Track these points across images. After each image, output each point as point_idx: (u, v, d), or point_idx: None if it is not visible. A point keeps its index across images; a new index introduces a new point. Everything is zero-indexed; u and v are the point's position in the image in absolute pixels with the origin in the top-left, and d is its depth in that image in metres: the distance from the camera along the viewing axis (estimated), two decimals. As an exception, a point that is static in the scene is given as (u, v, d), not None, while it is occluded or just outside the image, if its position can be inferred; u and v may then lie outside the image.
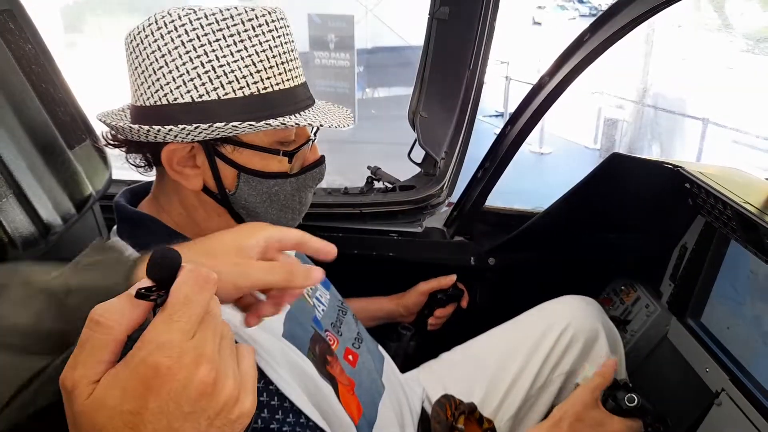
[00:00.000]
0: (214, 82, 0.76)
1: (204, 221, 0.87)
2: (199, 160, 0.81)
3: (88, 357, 0.43)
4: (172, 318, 0.44)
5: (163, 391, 0.42)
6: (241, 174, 0.82)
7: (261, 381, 0.76)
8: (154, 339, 0.43)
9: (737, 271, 1.23)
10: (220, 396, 0.45)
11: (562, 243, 1.52)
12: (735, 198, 1.01)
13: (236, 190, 0.83)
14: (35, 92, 0.92)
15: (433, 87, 1.61)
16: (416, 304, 1.48)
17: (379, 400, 1.04)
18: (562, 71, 1.34)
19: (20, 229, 0.80)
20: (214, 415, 0.45)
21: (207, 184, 0.83)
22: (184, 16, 0.75)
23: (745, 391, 1.09)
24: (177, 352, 0.43)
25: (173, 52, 0.75)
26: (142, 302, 0.45)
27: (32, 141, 0.88)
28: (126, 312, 0.44)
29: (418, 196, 1.56)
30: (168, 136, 0.76)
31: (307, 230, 1.58)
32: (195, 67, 0.75)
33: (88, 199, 0.97)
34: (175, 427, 0.43)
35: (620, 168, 1.28)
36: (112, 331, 0.44)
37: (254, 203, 0.85)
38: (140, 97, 0.79)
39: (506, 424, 1.24)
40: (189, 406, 0.43)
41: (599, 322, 1.31)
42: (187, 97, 0.76)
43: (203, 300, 0.45)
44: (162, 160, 0.81)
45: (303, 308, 0.98)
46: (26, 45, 0.94)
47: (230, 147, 0.81)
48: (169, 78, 0.76)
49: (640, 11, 1.15)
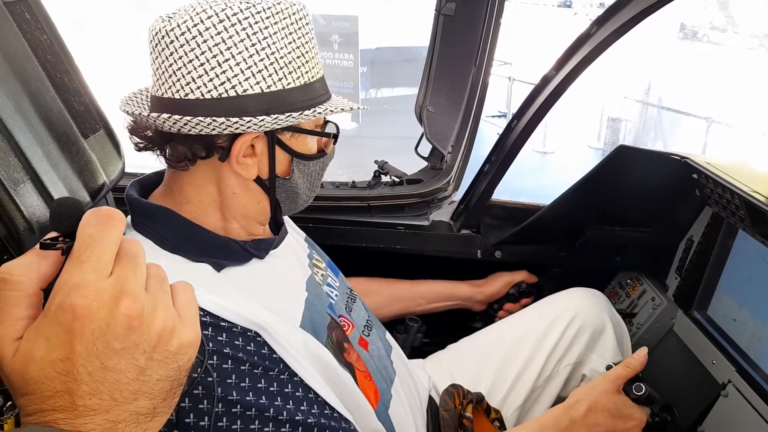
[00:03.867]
0: (279, 73, 0.80)
1: (241, 209, 0.87)
2: (258, 148, 0.84)
3: (5, 316, 0.43)
4: (81, 259, 0.43)
5: (86, 331, 0.42)
6: (294, 159, 0.87)
7: (285, 373, 0.77)
8: (67, 282, 0.42)
9: (744, 263, 1.23)
10: (151, 329, 0.44)
11: (568, 236, 1.52)
12: (744, 188, 1.02)
13: (291, 175, 0.88)
14: (50, 82, 0.93)
15: (440, 82, 1.62)
16: (497, 293, 1.53)
17: (391, 385, 1.05)
18: (568, 65, 1.34)
19: (37, 214, 0.81)
20: (151, 349, 0.44)
21: (260, 173, 0.86)
22: (246, 10, 0.78)
23: (752, 383, 1.10)
24: (92, 291, 0.42)
25: (239, 45, 0.77)
26: (50, 252, 0.44)
27: (48, 129, 0.88)
28: (33, 265, 0.44)
29: (425, 190, 1.57)
30: (241, 126, 0.78)
31: (317, 223, 1.61)
32: (262, 59, 0.79)
33: (102, 187, 0.98)
34: (110, 366, 0.42)
35: (627, 160, 1.29)
36: (21, 285, 0.44)
37: (301, 186, 0.91)
38: (194, 90, 0.78)
39: (513, 414, 1.25)
40: (118, 343, 0.42)
41: (606, 314, 1.31)
42: (257, 89, 0.79)
43: (110, 237, 0.44)
44: (232, 151, 0.82)
45: (319, 295, 0.99)
46: (42, 35, 0.95)
47: (289, 134, 0.86)
48: (237, 70, 0.78)
49: (646, 4, 1.15)
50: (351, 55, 8.46)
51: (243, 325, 0.74)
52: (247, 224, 0.90)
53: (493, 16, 1.52)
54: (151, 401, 0.45)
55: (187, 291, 0.50)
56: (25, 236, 0.79)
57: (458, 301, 1.51)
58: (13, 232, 0.78)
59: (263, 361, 0.75)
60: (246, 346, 0.74)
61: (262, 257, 0.91)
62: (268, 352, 0.76)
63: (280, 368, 0.76)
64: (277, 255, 0.96)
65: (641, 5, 1.16)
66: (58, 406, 0.42)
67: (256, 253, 0.90)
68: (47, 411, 0.42)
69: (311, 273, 1.02)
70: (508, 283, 1.53)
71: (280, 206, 0.91)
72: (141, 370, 0.44)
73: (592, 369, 1.28)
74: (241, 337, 0.74)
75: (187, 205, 0.87)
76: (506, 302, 1.53)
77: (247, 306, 0.77)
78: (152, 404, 0.45)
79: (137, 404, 0.44)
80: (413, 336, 1.48)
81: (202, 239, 0.85)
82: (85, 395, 0.42)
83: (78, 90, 1.00)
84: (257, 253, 0.90)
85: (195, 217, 0.86)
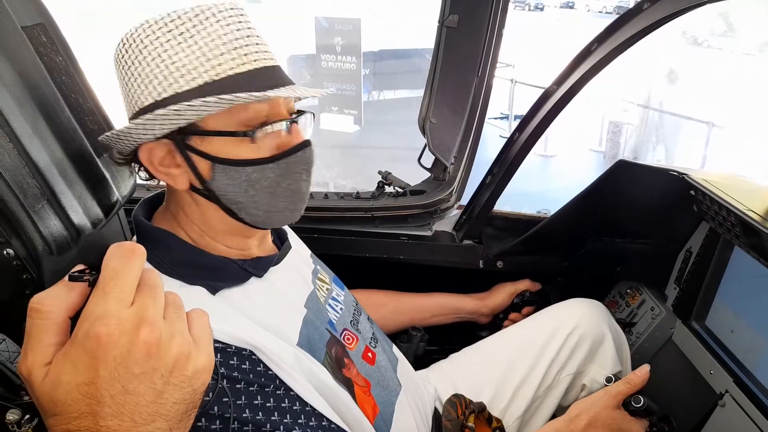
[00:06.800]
0: (169, 79, 0.81)
1: (203, 221, 0.89)
2: (178, 158, 0.84)
3: (35, 343, 0.47)
4: (105, 290, 0.47)
5: (109, 357, 0.45)
6: (215, 165, 0.83)
7: (281, 388, 0.79)
8: (93, 312, 0.47)
9: (741, 275, 1.26)
10: (168, 355, 0.48)
11: (569, 247, 1.55)
12: (738, 205, 1.04)
13: (212, 180, 0.84)
14: (66, 102, 0.96)
15: (443, 93, 1.64)
16: (502, 305, 1.54)
17: (395, 398, 1.07)
18: (569, 80, 1.37)
19: (54, 234, 0.84)
20: (168, 373, 0.48)
21: (192, 182, 0.85)
22: (139, 28, 0.82)
23: (749, 393, 1.12)
24: (115, 320, 0.46)
25: (135, 62, 0.81)
26: (77, 284, 0.49)
27: (63, 149, 0.91)
28: (62, 296, 0.49)
29: (428, 201, 1.60)
30: (133, 132, 0.81)
31: (321, 233, 1.64)
32: (152, 70, 0.81)
33: (114, 204, 1.01)
34: (130, 389, 0.46)
35: (626, 175, 1.31)
36: (51, 314, 0.48)
37: (234, 193, 0.84)
38: (127, 110, 0.86)
39: (514, 423, 1.27)
40: (138, 368, 0.46)
41: (606, 325, 1.34)
42: (150, 99, 0.81)
43: (132, 270, 0.49)
44: (142, 161, 0.85)
45: (319, 311, 1.01)
46: (57, 57, 0.98)
47: (198, 138, 0.82)
48: (135, 86, 0.82)
49: (646, 23, 1.18)
50: (353, 57, 8.49)
51: (237, 345, 0.77)
52: (225, 239, 0.91)
53: (495, 27, 1.55)
54: (167, 423, 0.48)
55: (202, 319, 0.54)
56: (43, 256, 0.82)
57: (463, 314, 1.54)
58: (32, 252, 0.81)
59: (258, 378, 0.77)
60: (241, 365, 0.76)
61: (260, 276, 0.92)
62: (263, 369, 0.78)
63: (275, 384, 0.78)
64: (278, 271, 0.97)
65: (641, 24, 1.19)
66: (83, 426, 0.46)
67: (255, 272, 0.91)
68: (73, 431, 0.46)
69: (314, 288, 1.04)
70: (512, 294, 1.55)
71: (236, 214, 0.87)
72: (158, 394, 0.47)
73: (592, 379, 1.31)
74: (236, 357, 0.76)
75: (180, 225, 0.91)
76: (511, 312, 1.56)
77: (242, 327, 0.79)
78: (168, 426, 0.49)
79: (155, 425, 0.47)
80: (416, 345, 1.50)
81: (200, 262, 0.88)
82: (108, 416, 0.46)
83: (92, 109, 1.03)
84: (255, 272, 0.92)
85: (193, 239, 0.90)
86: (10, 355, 0.81)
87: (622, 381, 1.10)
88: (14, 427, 0.82)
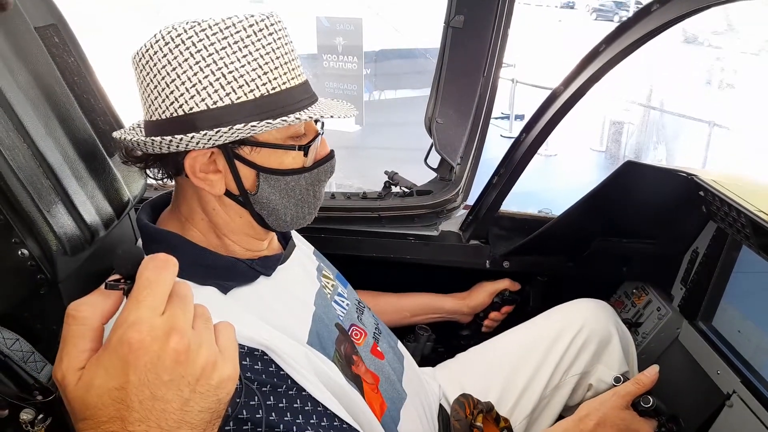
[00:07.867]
0: (226, 88, 0.80)
1: (225, 224, 0.90)
2: (220, 164, 0.85)
3: (71, 348, 0.49)
4: (138, 299, 0.49)
5: (140, 363, 0.47)
6: (260, 174, 0.86)
7: (293, 389, 0.79)
8: (126, 319, 0.48)
9: (748, 275, 1.26)
10: (196, 363, 0.49)
11: (575, 247, 1.55)
12: (749, 206, 1.04)
13: (257, 190, 0.87)
14: (78, 103, 0.96)
15: (449, 94, 1.64)
16: (482, 304, 1.55)
17: (401, 396, 1.07)
18: (577, 81, 1.37)
19: (68, 233, 0.84)
20: (194, 381, 0.49)
21: (228, 188, 0.87)
22: (189, 29, 0.80)
23: (757, 393, 1.12)
24: (147, 327, 0.48)
25: (183, 65, 0.79)
26: (113, 292, 0.51)
27: (76, 149, 0.92)
28: (98, 304, 0.50)
29: (434, 201, 1.60)
30: (190, 143, 0.80)
31: (329, 233, 1.64)
32: (206, 76, 0.80)
33: (126, 204, 1.01)
34: (158, 396, 0.47)
35: (634, 175, 1.32)
36: (87, 321, 0.49)
37: (275, 201, 0.89)
38: (155, 112, 0.83)
39: (521, 423, 1.28)
40: (167, 375, 0.48)
41: (612, 325, 1.34)
42: (203, 105, 0.81)
43: (164, 280, 0.50)
44: (186, 168, 0.84)
45: (328, 308, 1.01)
46: (69, 58, 0.99)
47: (248, 148, 0.85)
48: (182, 89, 0.80)
49: (656, 24, 1.18)
50: (355, 57, 8.49)
51: (250, 346, 0.77)
52: (240, 240, 0.92)
53: (501, 27, 1.55)
54: (192, 431, 0.49)
55: (229, 330, 0.55)
56: (57, 256, 0.82)
57: (444, 314, 1.54)
58: (47, 252, 0.81)
59: (271, 379, 0.77)
60: (254, 365, 0.76)
61: (269, 274, 0.93)
62: (276, 369, 0.79)
63: (288, 384, 0.79)
64: (285, 270, 0.98)
65: (649, 26, 1.19)
66: (111, 430, 0.46)
67: (263, 270, 0.92)
68: None
69: (320, 286, 1.05)
70: (492, 293, 1.55)
71: (264, 220, 0.91)
72: (185, 401, 0.48)
73: (598, 379, 1.31)
74: (249, 357, 0.77)
75: (191, 226, 0.91)
76: (491, 311, 1.56)
77: (254, 326, 0.80)
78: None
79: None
80: (423, 344, 1.51)
81: (208, 262, 0.88)
82: (135, 422, 0.46)
83: (103, 110, 1.03)
84: (264, 270, 0.92)
85: (200, 240, 0.90)
86: (23, 355, 0.81)
87: (632, 381, 1.10)
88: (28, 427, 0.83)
